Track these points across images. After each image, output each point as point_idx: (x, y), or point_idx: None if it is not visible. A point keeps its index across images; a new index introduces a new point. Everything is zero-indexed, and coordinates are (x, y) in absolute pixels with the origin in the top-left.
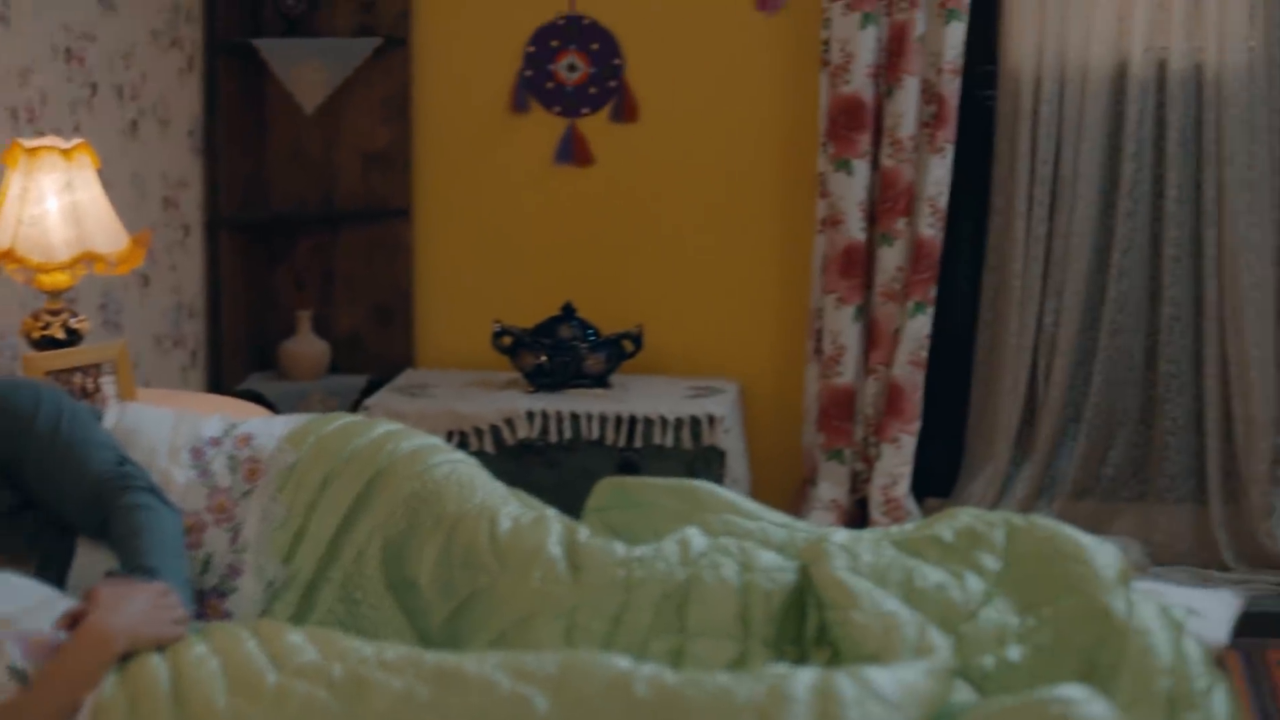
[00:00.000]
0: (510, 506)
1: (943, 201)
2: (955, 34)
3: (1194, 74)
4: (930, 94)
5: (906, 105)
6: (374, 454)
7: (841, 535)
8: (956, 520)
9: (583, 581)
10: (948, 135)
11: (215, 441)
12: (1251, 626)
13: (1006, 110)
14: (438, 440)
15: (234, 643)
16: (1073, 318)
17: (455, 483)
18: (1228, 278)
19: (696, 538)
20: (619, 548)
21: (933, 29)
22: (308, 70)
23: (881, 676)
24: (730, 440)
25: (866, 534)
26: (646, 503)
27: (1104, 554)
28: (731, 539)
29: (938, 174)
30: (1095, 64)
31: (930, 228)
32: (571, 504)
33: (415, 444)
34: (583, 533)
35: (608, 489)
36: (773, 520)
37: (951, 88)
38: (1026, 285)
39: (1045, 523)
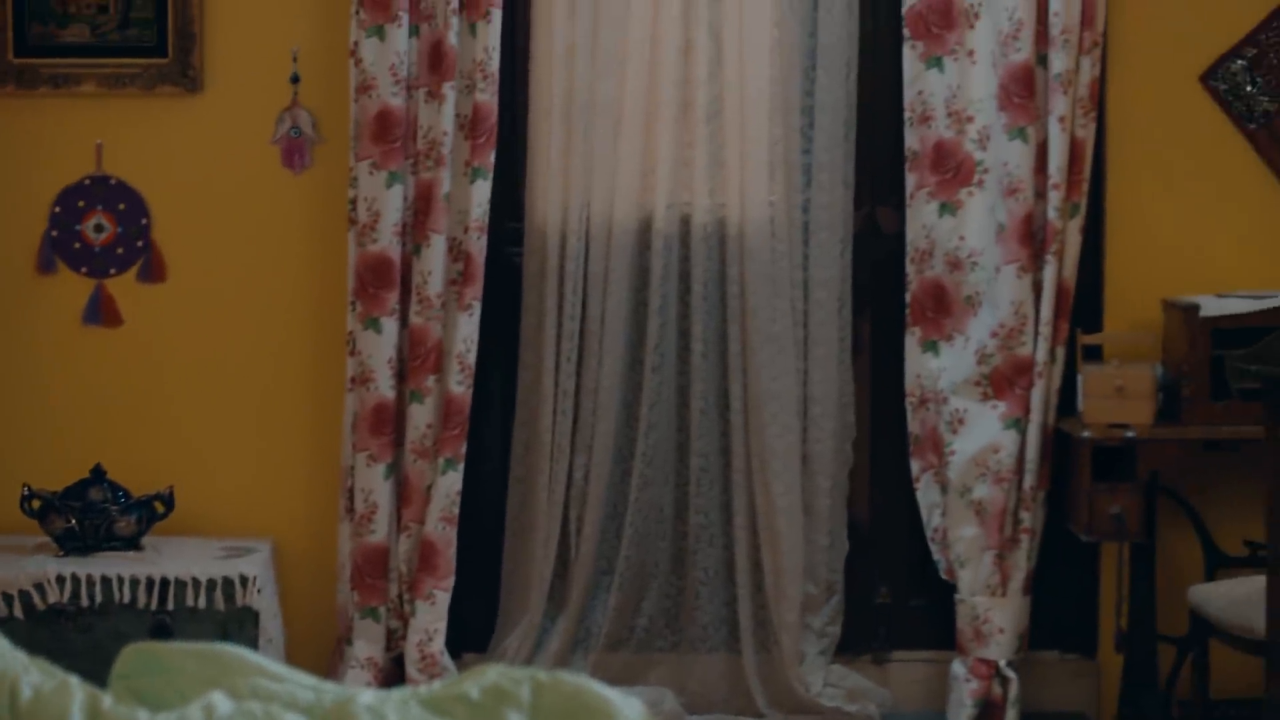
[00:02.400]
0: (31, 675)
1: (471, 358)
2: (481, 192)
3: (717, 229)
4: (458, 252)
5: (434, 263)
6: None
7: (368, 697)
8: (484, 678)
9: None
10: (475, 292)
11: None
12: None
13: (533, 267)
14: None
15: None
16: (603, 471)
17: None
18: (754, 429)
19: (222, 702)
20: (143, 715)
21: (459, 188)
22: None
23: None
24: (264, 600)
25: (395, 694)
26: (173, 668)
27: (629, 708)
28: (258, 703)
29: (466, 331)
30: (620, 220)
31: (460, 384)
32: (106, 669)
33: None
34: (106, 700)
35: (133, 655)
36: (300, 683)
37: (478, 245)
38: (557, 439)
39: (571, 678)
